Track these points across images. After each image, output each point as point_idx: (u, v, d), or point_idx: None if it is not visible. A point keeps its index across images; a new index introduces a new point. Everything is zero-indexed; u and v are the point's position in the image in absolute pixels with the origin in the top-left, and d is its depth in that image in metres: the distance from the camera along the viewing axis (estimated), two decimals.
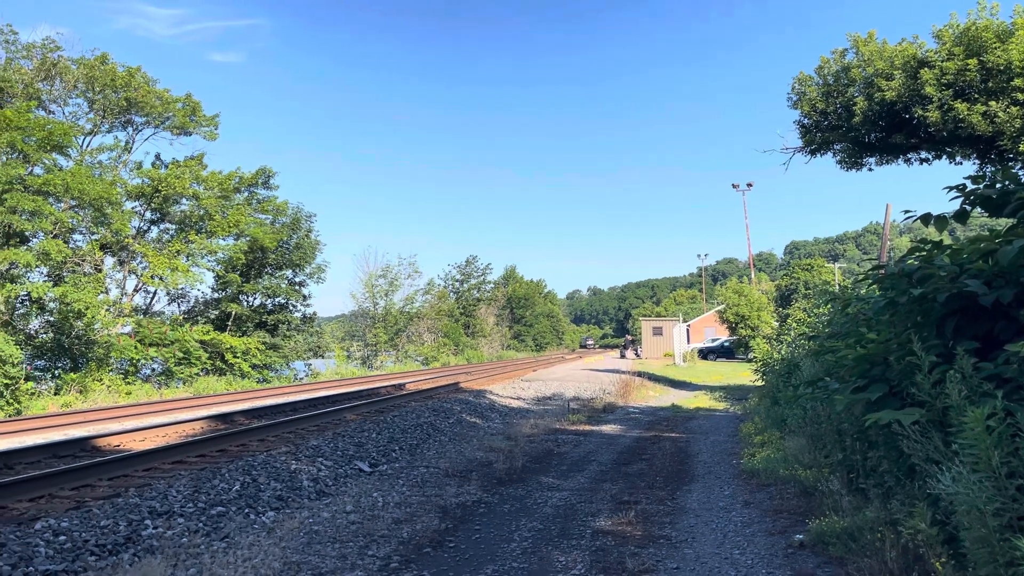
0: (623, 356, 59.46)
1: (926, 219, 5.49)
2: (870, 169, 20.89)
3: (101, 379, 23.84)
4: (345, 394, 19.73)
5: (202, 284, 32.97)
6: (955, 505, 3.74)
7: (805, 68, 21.11)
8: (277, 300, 37.50)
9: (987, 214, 5.68)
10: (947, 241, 5.50)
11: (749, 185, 62.53)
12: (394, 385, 23.35)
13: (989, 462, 3.54)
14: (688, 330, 69.59)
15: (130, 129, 33.30)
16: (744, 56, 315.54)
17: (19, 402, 19.52)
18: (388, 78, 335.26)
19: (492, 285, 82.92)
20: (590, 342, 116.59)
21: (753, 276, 66.47)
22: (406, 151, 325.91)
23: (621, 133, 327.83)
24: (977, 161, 18.40)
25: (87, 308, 23.35)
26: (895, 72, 17.80)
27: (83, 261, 27.78)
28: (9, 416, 17.97)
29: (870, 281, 6.08)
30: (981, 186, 5.42)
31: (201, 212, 32.10)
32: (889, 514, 5.02)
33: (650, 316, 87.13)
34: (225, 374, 30.42)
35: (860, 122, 18.63)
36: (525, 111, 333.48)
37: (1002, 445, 3.53)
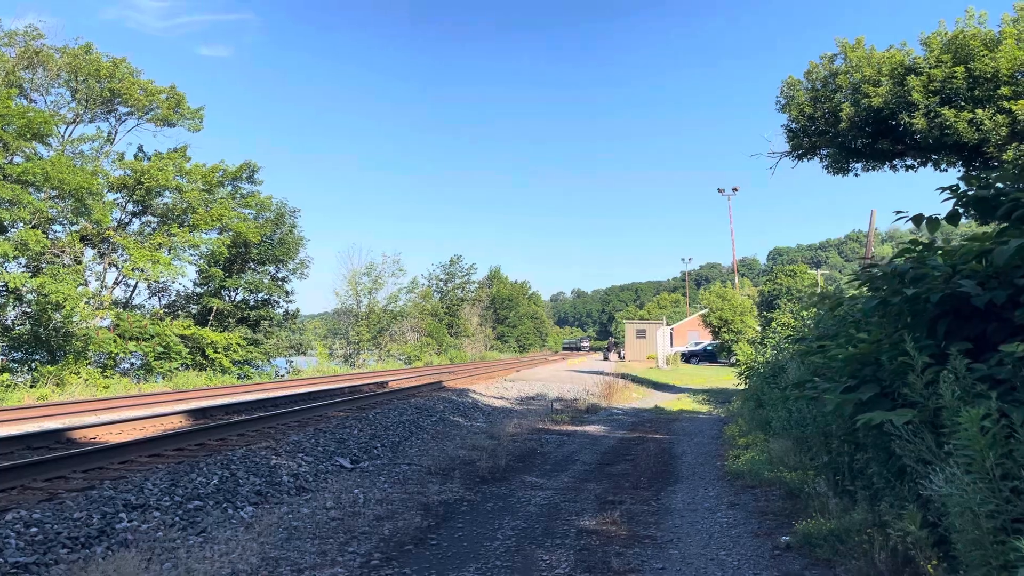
0: (606, 358, 59.49)
1: (918, 220, 5.45)
2: (856, 175, 20.95)
3: (79, 372, 23.52)
4: (327, 391, 19.56)
5: (184, 278, 32.64)
6: (948, 507, 3.69)
7: (795, 72, 21.12)
8: (260, 296, 37.21)
9: (978, 218, 5.66)
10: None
11: (735, 190, 62.86)
12: (376, 383, 23.18)
13: (983, 463, 3.50)
14: (671, 333, 69.78)
15: (113, 120, 32.99)
16: (732, 59, 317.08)
17: None
18: (375, 76, 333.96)
19: (476, 285, 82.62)
20: (585, 344, 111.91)
21: (737, 281, 66.79)
22: (392, 150, 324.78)
23: (606, 136, 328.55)
24: (962, 168, 18.49)
25: (65, 300, 23.03)
26: (882, 78, 17.86)
27: (62, 252, 27.40)
28: None
29: (860, 281, 6.04)
30: (974, 188, 5.40)
31: (184, 205, 31.77)
32: (877, 516, 4.98)
33: (633, 319, 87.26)
34: (205, 369, 30.12)
35: (847, 128, 18.68)
36: (511, 114, 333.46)
37: (996, 446, 3.48)
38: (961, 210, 5.51)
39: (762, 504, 7.56)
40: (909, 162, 19.86)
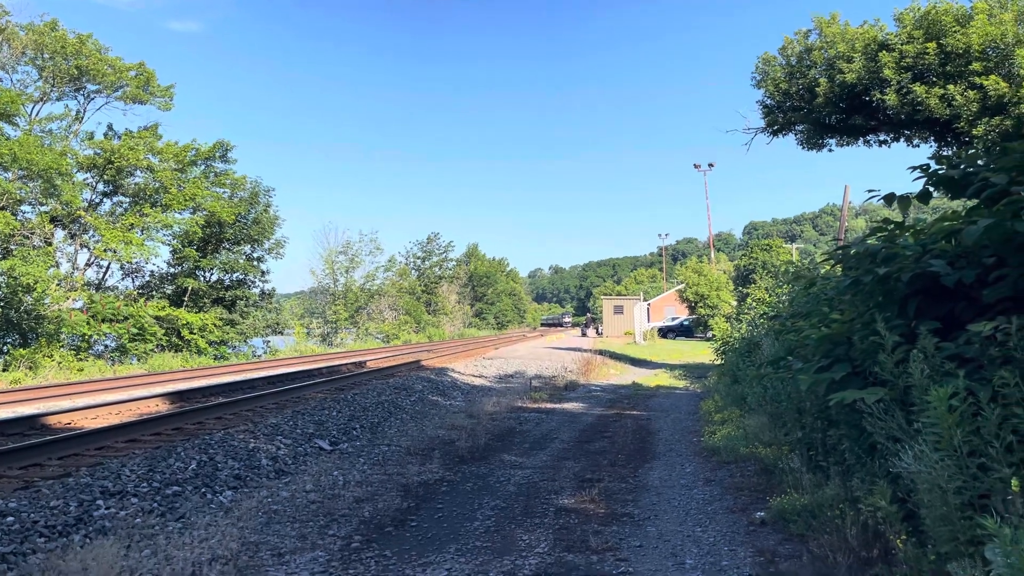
0: (584, 334, 59.75)
1: (889, 199, 5.51)
2: (830, 150, 21.13)
3: (52, 355, 23.25)
4: (304, 371, 19.51)
5: (157, 258, 32.33)
6: (916, 483, 3.77)
7: (770, 48, 21.17)
8: (235, 276, 36.88)
9: (948, 196, 5.73)
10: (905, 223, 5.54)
11: (711, 165, 63.01)
12: (354, 363, 23.15)
13: (951, 441, 3.57)
14: (648, 309, 70.19)
15: (81, 98, 32.32)
16: (709, 35, 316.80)
17: None
18: (350, 52, 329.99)
19: (454, 263, 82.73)
20: (567, 319, 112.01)
21: (713, 256, 67.21)
22: (369, 127, 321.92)
23: (584, 112, 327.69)
24: (934, 144, 18.70)
25: (36, 282, 22.71)
26: (855, 55, 17.95)
27: (32, 234, 26.96)
28: None
29: (833, 261, 6.11)
30: (944, 167, 5.47)
31: (156, 185, 31.32)
32: (849, 492, 5.08)
33: (611, 295, 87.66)
34: (181, 351, 29.89)
35: (822, 103, 18.78)
36: (488, 90, 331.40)
37: (964, 424, 3.55)
38: (932, 189, 5.59)
39: (738, 480, 7.68)
40: (882, 138, 20.05)
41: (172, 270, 34.91)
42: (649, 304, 74.76)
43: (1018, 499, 3.14)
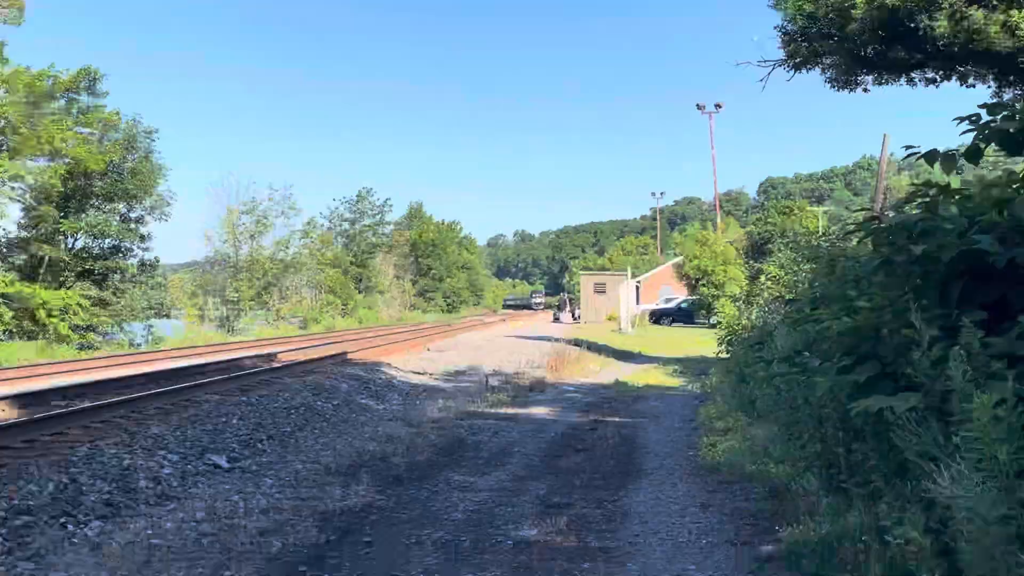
0: (557, 319, 60.20)
1: (931, 157, 5.59)
2: (866, 89, 21.31)
3: None
4: (198, 367, 19.41)
5: (4, 219, 31.61)
6: (953, 511, 3.89)
7: None
8: (106, 242, 36.39)
9: (1004, 153, 5.84)
10: (956, 184, 5.62)
11: (717, 107, 63.43)
12: (263, 355, 23.07)
13: (996, 458, 3.67)
14: (638, 287, 70.81)
15: None
16: None
17: None
18: None
19: (392, 227, 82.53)
20: (539, 300, 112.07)
21: (720, 221, 67.91)
22: (284, 54, 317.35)
23: (560, 46, 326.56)
24: (994, 84, 18.98)
25: None
26: None
27: None
28: None
29: (862, 233, 6.21)
30: (999, 117, 5.57)
31: (1, 123, 30.66)
32: (875, 519, 5.22)
33: (592, 269, 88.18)
34: (36, 338, 29.49)
35: (857, 30, 18.93)
36: (440, 14, 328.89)
37: (1012, 438, 3.64)
38: (983, 144, 5.69)
39: (741, 504, 7.84)
40: (930, 75, 20.27)
41: (24, 234, 34.28)
42: (639, 282, 75.42)
43: None
